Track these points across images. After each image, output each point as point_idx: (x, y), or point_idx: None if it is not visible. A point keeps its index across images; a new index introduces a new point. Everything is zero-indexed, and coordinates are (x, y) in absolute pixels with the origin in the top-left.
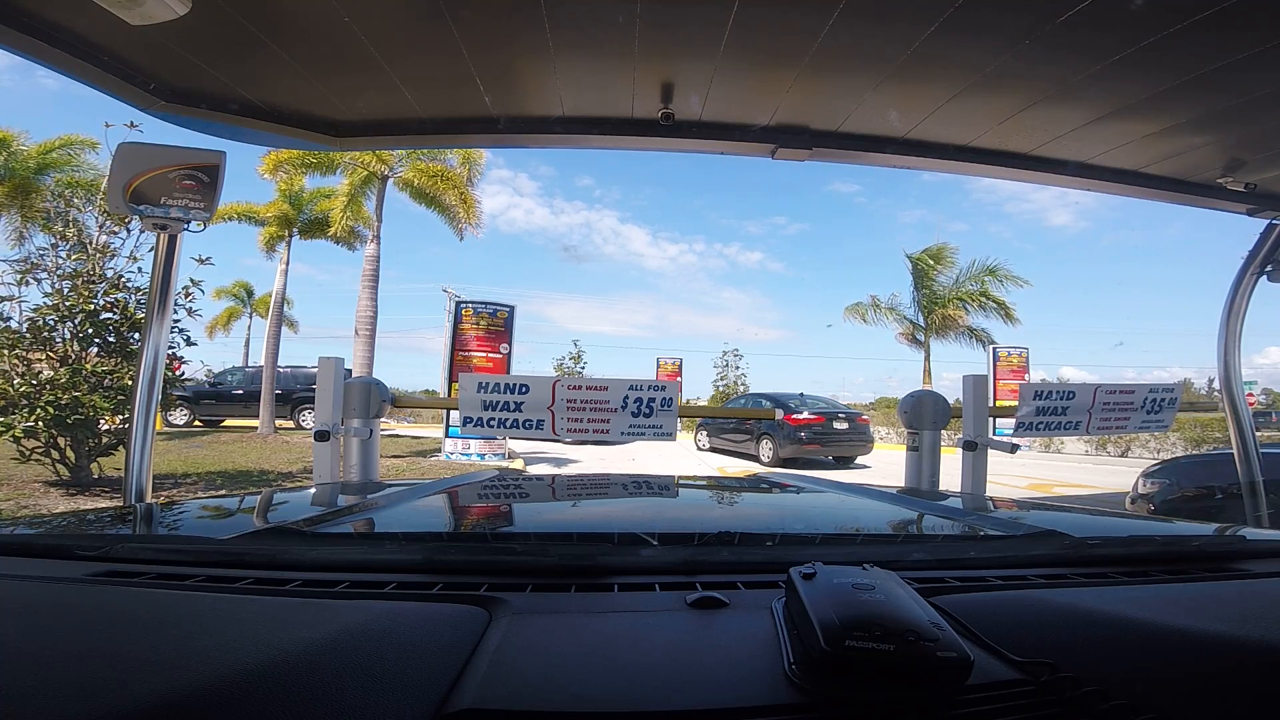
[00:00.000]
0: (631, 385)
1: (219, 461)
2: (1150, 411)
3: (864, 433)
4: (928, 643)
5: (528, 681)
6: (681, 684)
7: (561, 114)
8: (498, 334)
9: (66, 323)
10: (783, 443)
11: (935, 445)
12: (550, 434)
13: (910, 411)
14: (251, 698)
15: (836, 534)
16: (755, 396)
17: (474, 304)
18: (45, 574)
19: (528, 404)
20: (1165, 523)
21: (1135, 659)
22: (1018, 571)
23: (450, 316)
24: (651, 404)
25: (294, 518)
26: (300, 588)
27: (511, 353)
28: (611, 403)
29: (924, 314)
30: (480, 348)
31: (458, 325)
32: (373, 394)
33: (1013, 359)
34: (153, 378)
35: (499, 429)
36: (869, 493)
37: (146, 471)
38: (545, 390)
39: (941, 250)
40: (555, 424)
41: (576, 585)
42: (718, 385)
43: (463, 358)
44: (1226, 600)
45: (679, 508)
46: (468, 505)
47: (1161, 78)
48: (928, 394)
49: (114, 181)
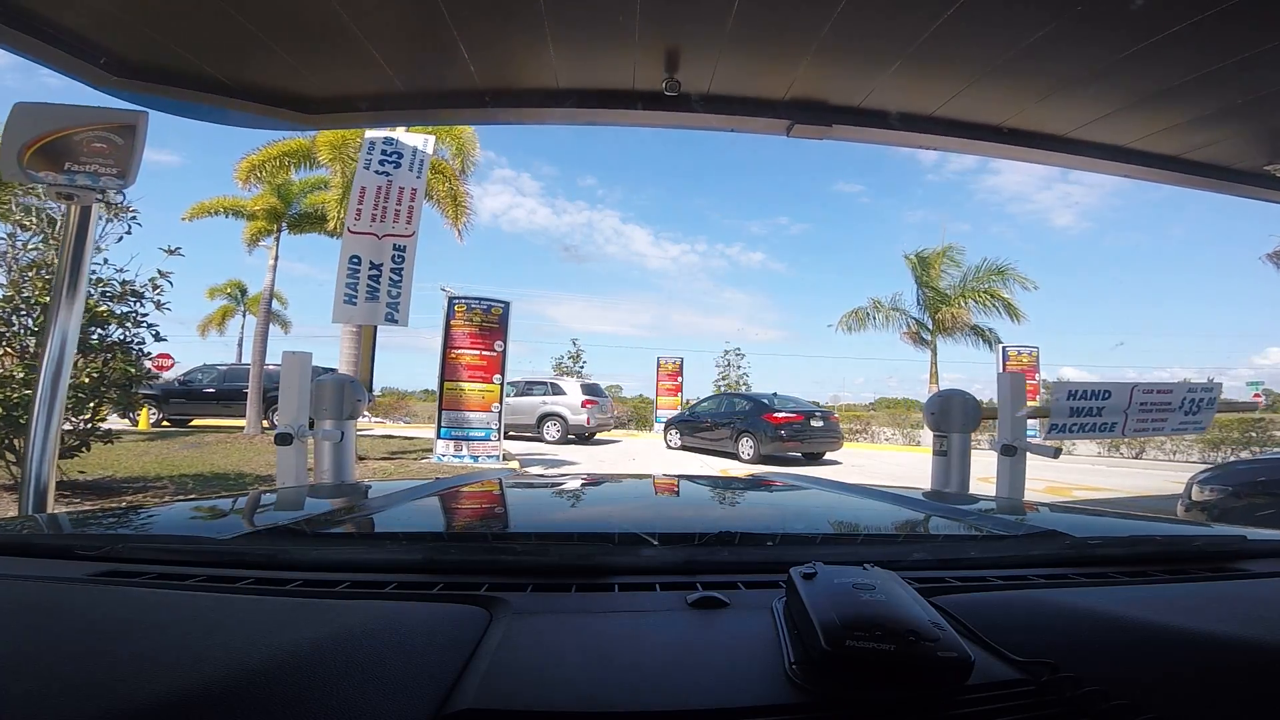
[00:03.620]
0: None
1: (199, 464)
2: (1188, 412)
3: (835, 430)
4: (928, 643)
5: (528, 681)
6: (682, 684)
7: (556, 86)
8: (491, 331)
9: (24, 316)
10: (764, 440)
11: (966, 450)
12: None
13: (938, 413)
14: (252, 697)
15: (837, 534)
16: (729, 397)
17: (466, 300)
18: (46, 574)
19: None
20: (1166, 522)
21: (1136, 659)
22: (1018, 571)
23: (443, 313)
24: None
25: (294, 518)
26: (301, 588)
27: (506, 350)
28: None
29: (930, 313)
30: (473, 345)
31: (449, 322)
32: (346, 393)
33: (1022, 358)
34: (57, 371)
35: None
36: (869, 492)
37: (48, 474)
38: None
39: (945, 251)
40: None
41: (577, 585)
42: (719, 385)
43: (455, 356)
44: (1228, 600)
45: (679, 507)
46: (468, 505)
47: (1204, 61)
48: (956, 393)
49: (7, 145)
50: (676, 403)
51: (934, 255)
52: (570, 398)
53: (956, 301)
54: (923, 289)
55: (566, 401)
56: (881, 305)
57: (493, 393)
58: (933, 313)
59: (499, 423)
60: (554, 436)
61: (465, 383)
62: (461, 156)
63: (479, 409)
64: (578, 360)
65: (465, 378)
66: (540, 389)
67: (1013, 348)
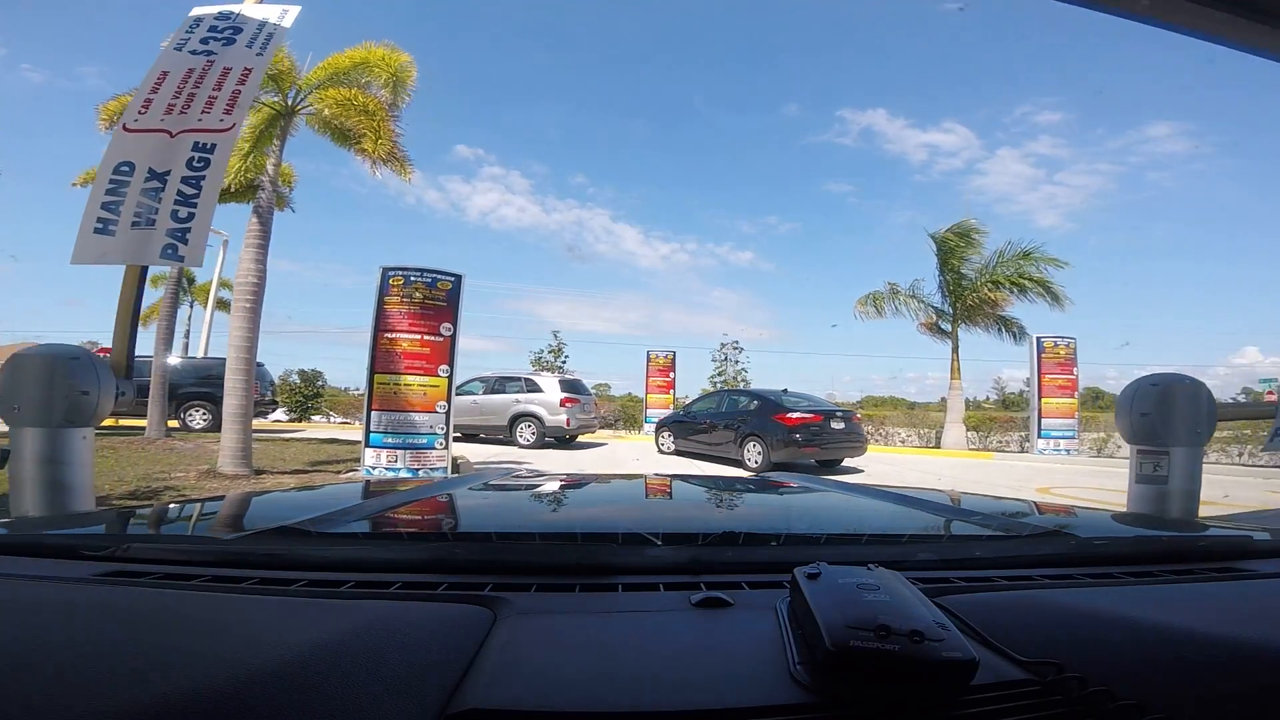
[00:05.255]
0: None
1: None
2: None
3: (858, 433)
4: (933, 643)
5: (532, 681)
6: (686, 684)
7: None
8: (437, 310)
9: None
10: (775, 445)
11: (1194, 472)
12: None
13: (1154, 413)
14: (257, 697)
15: (841, 534)
16: (732, 394)
17: (405, 271)
18: (52, 574)
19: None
20: (1171, 522)
21: (1142, 659)
22: (1023, 571)
23: (375, 288)
24: None
25: (299, 518)
26: (306, 587)
27: (457, 335)
28: None
29: (951, 300)
30: (413, 328)
31: (383, 299)
32: (58, 382)
33: (1060, 350)
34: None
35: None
36: (873, 493)
37: None
38: None
39: (969, 228)
40: None
41: (581, 585)
42: (715, 382)
43: (389, 341)
44: (1233, 600)
45: (683, 507)
46: (472, 505)
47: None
48: (1182, 382)
49: None
50: (669, 401)
51: (962, 234)
52: (547, 395)
53: (984, 285)
54: (945, 273)
55: (543, 400)
56: (899, 290)
57: (438, 388)
58: (955, 300)
59: (446, 426)
60: (528, 440)
61: (403, 375)
62: (395, 88)
63: (420, 409)
64: (559, 355)
65: (403, 368)
66: (513, 386)
67: (1048, 338)
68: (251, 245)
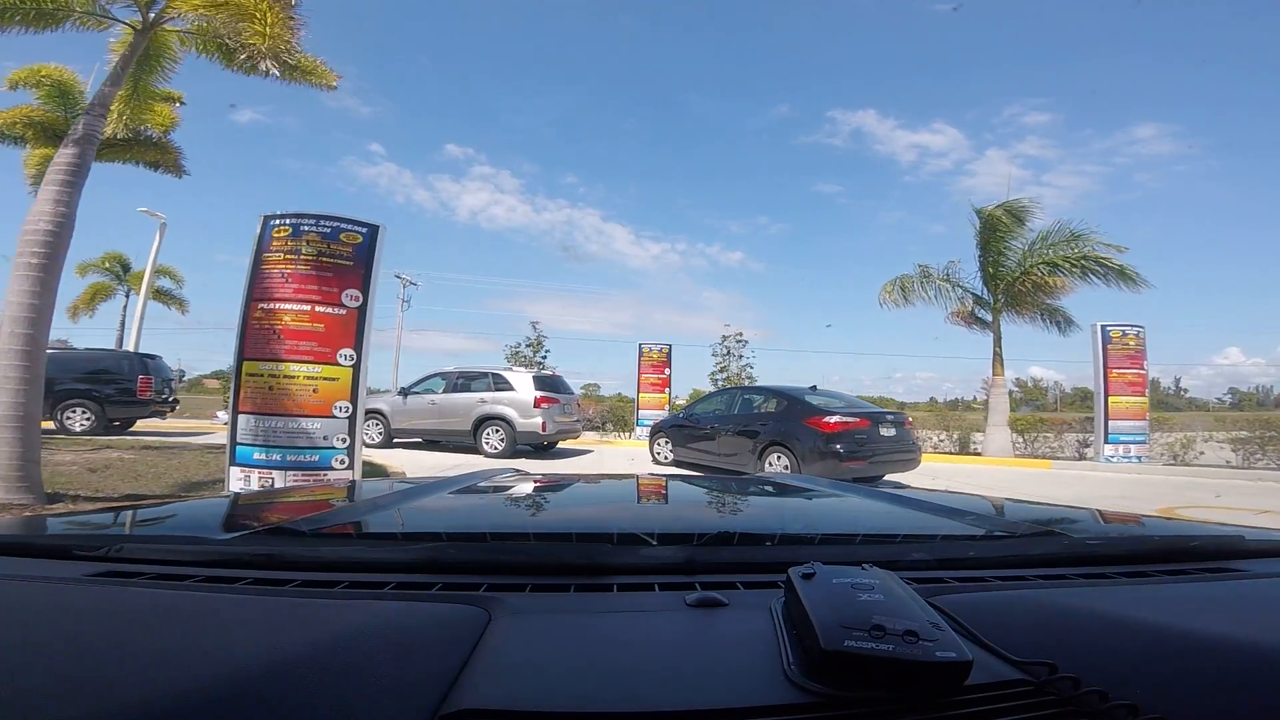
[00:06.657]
0: None
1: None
2: None
3: (911, 443)
4: (927, 643)
5: (527, 682)
6: (681, 684)
7: None
8: (339, 272)
9: None
10: (807, 456)
11: None
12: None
13: None
14: (250, 697)
15: (835, 534)
16: (747, 392)
17: (296, 219)
18: (44, 574)
19: None
20: (1165, 522)
21: (1135, 659)
22: (1017, 571)
23: (255, 242)
24: None
25: (293, 518)
26: (299, 588)
27: (368, 307)
28: None
29: (991, 287)
30: (301, 294)
31: (261, 256)
32: None
33: (1129, 340)
34: None
35: None
36: (867, 493)
37: None
38: None
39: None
40: None
41: (576, 585)
42: (716, 379)
43: (265, 314)
44: (1226, 600)
45: (678, 507)
46: (467, 505)
47: None
48: None
49: None
50: (664, 400)
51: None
52: (519, 394)
53: (1037, 269)
54: (987, 256)
55: (514, 399)
56: (931, 273)
57: (338, 382)
58: (996, 286)
59: (352, 437)
60: (496, 448)
61: (284, 362)
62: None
63: (311, 411)
64: (539, 349)
65: (284, 353)
66: (479, 383)
67: (1114, 327)
68: (54, 182)
